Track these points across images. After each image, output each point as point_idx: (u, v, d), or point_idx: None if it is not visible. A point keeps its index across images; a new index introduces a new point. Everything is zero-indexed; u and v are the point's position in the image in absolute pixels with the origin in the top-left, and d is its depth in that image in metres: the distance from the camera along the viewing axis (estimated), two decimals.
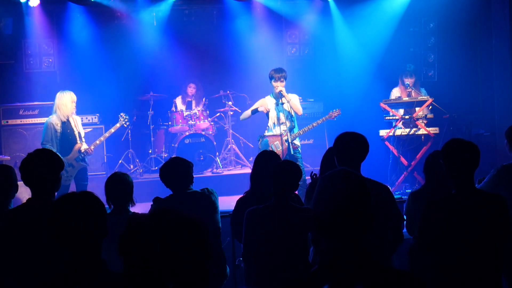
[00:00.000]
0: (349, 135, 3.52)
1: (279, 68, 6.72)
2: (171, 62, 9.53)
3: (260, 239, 3.51)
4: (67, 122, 6.64)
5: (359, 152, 3.49)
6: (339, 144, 3.51)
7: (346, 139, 3.51)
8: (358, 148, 3.49)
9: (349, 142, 3.49)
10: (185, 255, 1.63)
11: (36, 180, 3.17)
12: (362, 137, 3.53)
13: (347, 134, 3.54)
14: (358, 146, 3.49)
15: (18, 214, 3.17)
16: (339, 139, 3.53)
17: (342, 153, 3.49)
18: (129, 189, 4.01)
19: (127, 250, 1.67)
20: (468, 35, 9.10)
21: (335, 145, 3.54)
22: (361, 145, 3.50)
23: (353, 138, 3.51)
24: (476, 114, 8.72)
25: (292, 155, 6.43)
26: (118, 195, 3.97)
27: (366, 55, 9.08)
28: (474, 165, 3.12)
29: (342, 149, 3.50)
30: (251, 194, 4.14)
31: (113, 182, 4.00)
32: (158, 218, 1.68)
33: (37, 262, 3.08)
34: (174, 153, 8.53)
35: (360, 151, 3.49)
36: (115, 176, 4.05)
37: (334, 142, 3.56)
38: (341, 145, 3.51)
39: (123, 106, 9.22)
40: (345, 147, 3.49)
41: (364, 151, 3.51)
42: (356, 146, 3.49)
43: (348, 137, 3.52)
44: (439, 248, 3.08)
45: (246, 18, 9.62)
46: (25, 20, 8.65)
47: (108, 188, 3.99)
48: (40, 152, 3.32)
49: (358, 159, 3.48)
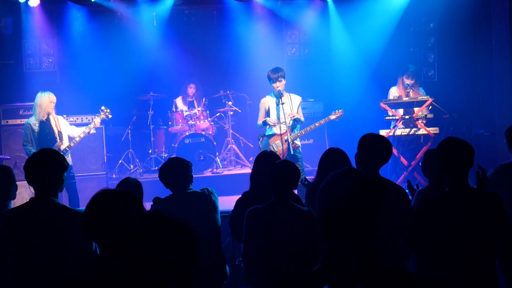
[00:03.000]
0: (375, 137, 3.55)
1: (275, 68, 6.70)
2: (171, 62, 9.54)
3: (261, 239, 3.51)
4: (45, 122, 6.67)
5: (382, 155, 3.51)
6: (364, 146, 3.52)
7: (371, 141, 3.53)
8: (382, 151, 3.51)
9: (375, 145, 3.50)
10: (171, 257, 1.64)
11: (40, 179, 3.18)
12: (387, 140, 3.57)
13: (372, 136, 3.56)
14: (382, 149, 3.51)
15: (20, 213, 3.17)
16: (364, 140, 3.54)
17: (365, 154, 3.50)
18: (140, 194, 4.02)
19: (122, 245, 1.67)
20: (468, 35, 9.10)
21: (360, 145, 3.54)
22: (386, 149, 3.52)
23: (379, 141, 3.53)
24: (476, 114, 8.72)
25: (293, 155, 6.42)
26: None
27: (366, 55, 9.08)
28: (468, 164, 3.14)
29: (366, 151, 3.51)
30: (250, 194, 4.14)
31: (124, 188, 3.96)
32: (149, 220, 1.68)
33: (38, 261, 3.08)
34: (174, 153, 8.54)
35: (384, 155, 3.52)
36: (126, 182, 4.03)
37: (359, 142, 3.56)
38: (366, 147, 3.52)
39: (123, 106, 9.25)
40: (370, 149, 3.50)
41: (387, 155, 3.53)
42: (380, 149, 3.51)
43: (373, 139, 3.54)
44: (433, 246, 3.09)
45: (246, 18, 9.62)
46: (25, 20, 8.65)
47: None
48: (44, 152, 3.32)
49: (380, 162, 3.51)
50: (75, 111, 8.39)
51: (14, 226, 3.13)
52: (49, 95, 6.70)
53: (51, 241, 3.08)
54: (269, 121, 6.66)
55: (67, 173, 3.32)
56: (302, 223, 3.48)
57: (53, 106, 6.74)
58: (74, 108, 8.50)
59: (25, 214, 3.15)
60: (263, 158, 4.21)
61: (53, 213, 3.13)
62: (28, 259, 3.09)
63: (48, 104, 6.67)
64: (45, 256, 3.08)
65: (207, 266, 3.93)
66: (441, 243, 3.07)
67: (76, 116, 8.26)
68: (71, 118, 8.13)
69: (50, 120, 6.71)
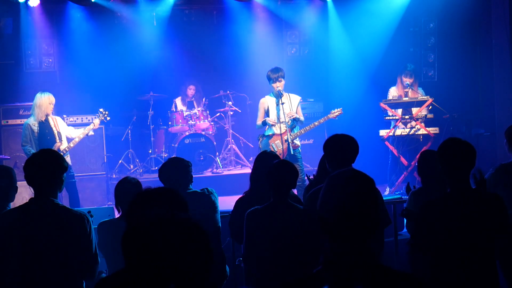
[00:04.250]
0: (337, 138, 3.55)
1: (275, 68, 6.69)
2: (171, 62, 9.54)
3: (261, 239, 3.51)
4: (45, 122, 6.67)
5: (348, 154, 3.51)
6: (328, 148, 3.55)
7: (334, 142, 3.54)
8: (347, 150, 3.51)
9: (338, 145, 3.51)
10: (187, 257, 1.63)
11: (39, 180, 3.17)
12: (350, 138, 3.55)
13: (336, 136, 3.57)
14: (347, 148, 3.52)
15: (20, 214, 3.17)
16: (327, 143, 3.57)
17: (332, 156, 3.52)
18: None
19: (128, 251, 1.66)
20: (468, 35, 9.10)
21: (325, 149, 3.56)
22: (350, 147, 3.52)
23: (342, 140, 3.53)
24: (476, 114, 8.73)
25: (292, 155, 6.42)
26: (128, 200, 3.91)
27: (366, 55, 9.08)
28: (470, 165, 3.12)
29: (332, 152, 3.53)
30: (250, 194, 4.14)
31: (124, 186, 3.95)
32: (160, 220, 1.67)
33: (39, 261, 3.08)
34: (174, 153, 8.54)
35: (349, 153, 3.52)
36: (126, 181, 4.01)
37: (323, 146, 3.58)
38: (330, 149, 3.54)
39: (123, 106, 9.25)
40: (334, 150, 3.52)
41: (353, 152, 3.53)
42: (345, 148, 3.51)
43: (336, 139, 3.54)
44: (435, 248, 3.08)
45: (246, 18, 9.62)
46: (25, 20, 8.64)
47: (118, 192, 3.94)
48: (44, 152, 3.32)
49: (348, 161, 3.50)
50: (75, 111, 8.39)
51: (14, 226, 3.13)
52: (48, 96, 6.70)
53: (51, 241, 3.08)
54: (269, 121, 6.65)
55: (67, 173, 3.32)
56: (302, 223, 3.47)
57: (52, 107, 6.74)
58: (74, 108, 8.50)
59: (24, 214, 3.15)
60: (262, 158, 4.22)
61: (53, 213, 3.13)
62: (28, 260, 3.09)
63: (48, 106, 6.67)
64: (45, 256, 3.09)
65: None
66: (442, 244, 3.06)
67: (76, 116, 8.26)
68: (71, 118, 8.14)
69: (49, 121, 6.72)
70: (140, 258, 1.62)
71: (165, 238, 1.62)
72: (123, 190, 3.88)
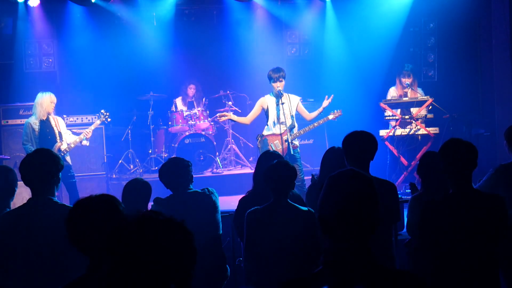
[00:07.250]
0: (356, 134, 3.55)
1: (276, 68, 6.69)
2: (171, 62, 9.54)
3: (261, 239, 3.51)
4: (46, 122, 6.69)
5: (367, 151, 3.51)
6: (347, 144, 3.53)
7: (354, 138, 3.53)
8: (366, 146, 3.51)
9: (357, 142, 3.51)
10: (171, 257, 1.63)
11: (36, 180, 3.17)
12: (370, 135, 3.55)
13: (355, 133, 3.56)
14: (366, 145, 3.51)
15: (20, 214, 3.17)
16: (347, 139, 3.55)
17: (351, 152, 3.51)
18: (147, 197, 4.02)
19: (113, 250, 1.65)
20: (468, 35, 9.10)
21: (343, 145, 3.55)
22: (370, 144, 3.52)
23: (361, 137, 3.53)
24: (476, 114, 8.72)
25: (292, 155, 6.42)
26: (135, 200, 3.94)
27: (366, 55, 9.07)
28: (472, 165, 3.11)
29: (350, 149, 3.52)
30: (253, 194, 4.14)
31: (133, 188, 3.99)
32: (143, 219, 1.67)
33: (39, 261, 3.08)
34: (174, 153, 8.54)
35: (368, 150, 3.51)
36: (136, 181, 4.03)
37: (342, 142, 3.58)
38: (349, 145, 3.52)
39: (123, 106, 9.25)
40: (353, 147, 3.51)
41: (372, 150, 3.53)
42: (364, 145, 3.51)
43: (355, 136, 3.54)
44: (438, 248, 3.08)
45: (246, 18, 9.63)
46: (25, 20, 8.65)
47: (125, 193, 3.97)
48: (37, 152, 3.32)
49: (367, 158, 3.50)
50: (75, 111, 8.39)
51: (14, 226, 3.13)
52: (50, 96, 6.73)
53: (51, 241, 3.08)
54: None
55: (67, 173, 3.33)
56: (302, 223, 3.48)
57: (53, 106, 6.77)
58: (74, 108, 8.50)
59: (24, 214, 3.15)
60: (265, 159, 4.22)
61: (52, 212, 3.12)
62: (29, 259, 3.09)
63: (49, 104, 6.69)
64: (45, 256, 3.08)
65: (207, 266, 3.93)
66: (445, 244, 3.06)
67: (76, 116, 8.26)
68: (70, 118, 8.14)
69: (50, 120, 6.73)
70: (124, 258, 1.62)
71: (148, 237, 1.62)
72: (132, 189, 3.96)
